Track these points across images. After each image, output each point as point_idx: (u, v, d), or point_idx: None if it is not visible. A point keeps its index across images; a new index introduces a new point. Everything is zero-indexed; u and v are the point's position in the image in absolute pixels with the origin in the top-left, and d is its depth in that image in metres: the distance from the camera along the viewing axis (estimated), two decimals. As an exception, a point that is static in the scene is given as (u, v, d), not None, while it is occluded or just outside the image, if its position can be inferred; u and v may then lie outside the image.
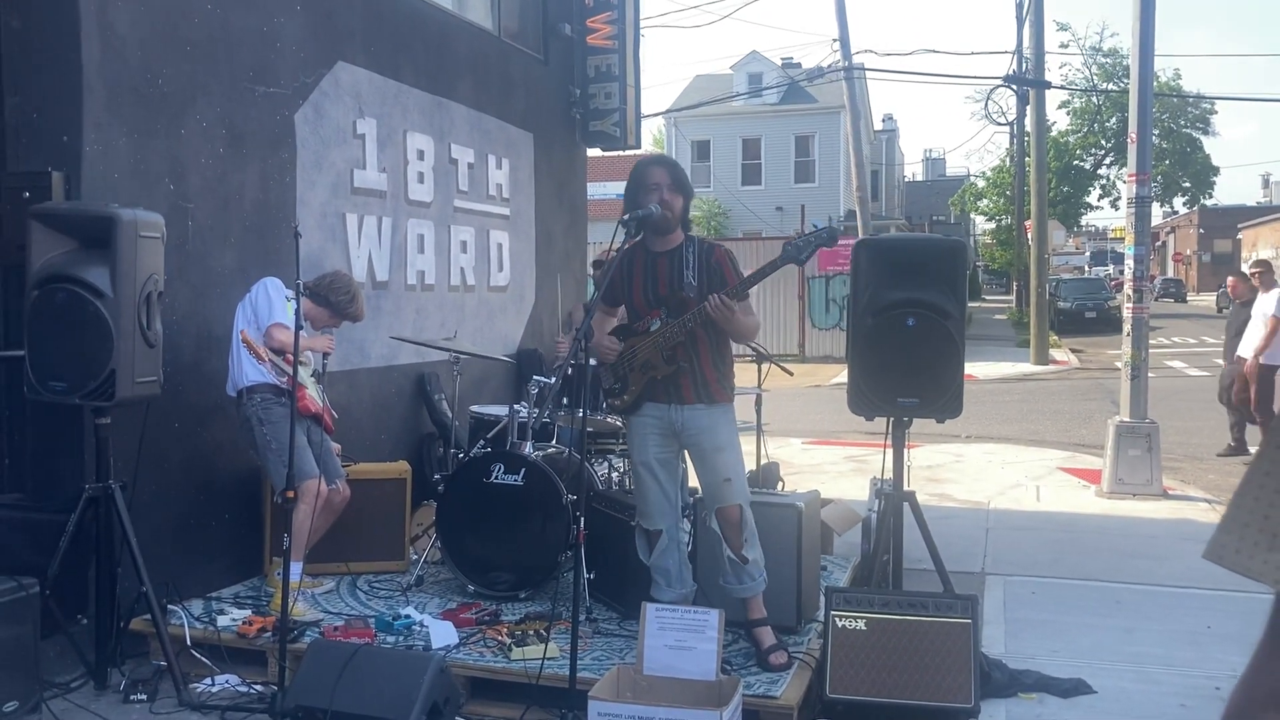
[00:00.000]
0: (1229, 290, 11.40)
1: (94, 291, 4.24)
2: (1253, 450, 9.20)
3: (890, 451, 4.89)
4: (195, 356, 5.24)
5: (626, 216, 4.33)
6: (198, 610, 4.92)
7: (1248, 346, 9.99)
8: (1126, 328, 8.92)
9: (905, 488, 4.91)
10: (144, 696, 4.26)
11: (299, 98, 5.96)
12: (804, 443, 11.65)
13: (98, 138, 4.74)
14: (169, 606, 4.70)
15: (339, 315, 5.29)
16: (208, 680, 4.41)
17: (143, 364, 4.35)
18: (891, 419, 4.81)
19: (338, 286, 5.25)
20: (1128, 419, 8.79)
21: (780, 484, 6.79)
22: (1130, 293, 8.99)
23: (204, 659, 4.52)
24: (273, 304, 4.92)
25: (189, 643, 4.58)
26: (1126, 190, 9.08)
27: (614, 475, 6.04)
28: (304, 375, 5.02)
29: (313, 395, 5.08)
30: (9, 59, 4.72)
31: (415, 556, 5.80)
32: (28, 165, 4.71)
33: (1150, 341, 9.34)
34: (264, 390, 4.94)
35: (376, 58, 6.68)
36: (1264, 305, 9.89)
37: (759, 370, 6.72)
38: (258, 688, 4.34)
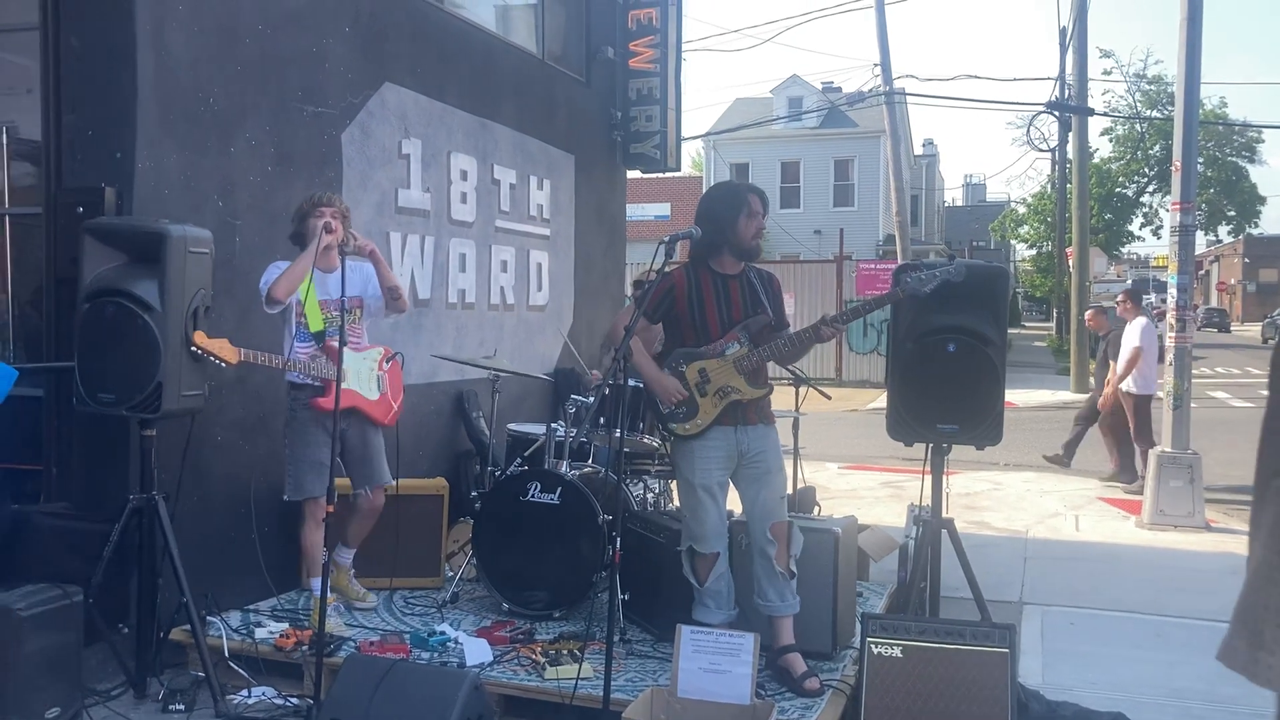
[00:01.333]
0: (1087, 323, 11.82)
1: (143, 305, 4.30)
2: (1142, 477, 9.51)
3: (929, 478, 4.86)
4: (239, 371, 5.27)
5: (668, 238, 4.34)
6: (236, 622, 4.97)
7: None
8: (1169, 357, 8.81)
9: (944, 515, 4.87)
10: (182, 707, 4.30)
11: (346, 118, 6.04)
12: (840, 467, 11.59)
13: (150, 155, 4.83)
14: (208, 618, 4.74)
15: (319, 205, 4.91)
16: (244, 692, 4.44)
17: (188, 377, 4.40)
18: (931, 445, 4.78)
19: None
20: (1169, 449, 8.67)
21: (816, 508, 6.76)
22: (1173, 322, 8.88)
23: (241, 671, 4.56)
24: (266, 272, 4.87)
25: (227, 654, 4.62)
26: (1170, 218, 8.99)
27: (649, 496, 6.03)
28: (355, 365, 4.97)
29: (357, 389, 4.97)
30: (67, 78, 4.83)
31: (451, 573, 5.82)
32: (82, 181, 4.81)
33: (1193, 371, 9.22)
34: (294, 391, 4.96)
35: (422, 79, 6.76)
36: (1129, 335, 10.18)
37: (796, 394, 6.70)
38: (294, 701, 4.36)
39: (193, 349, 4.37)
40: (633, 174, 11.02)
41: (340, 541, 5.24)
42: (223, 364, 4.47)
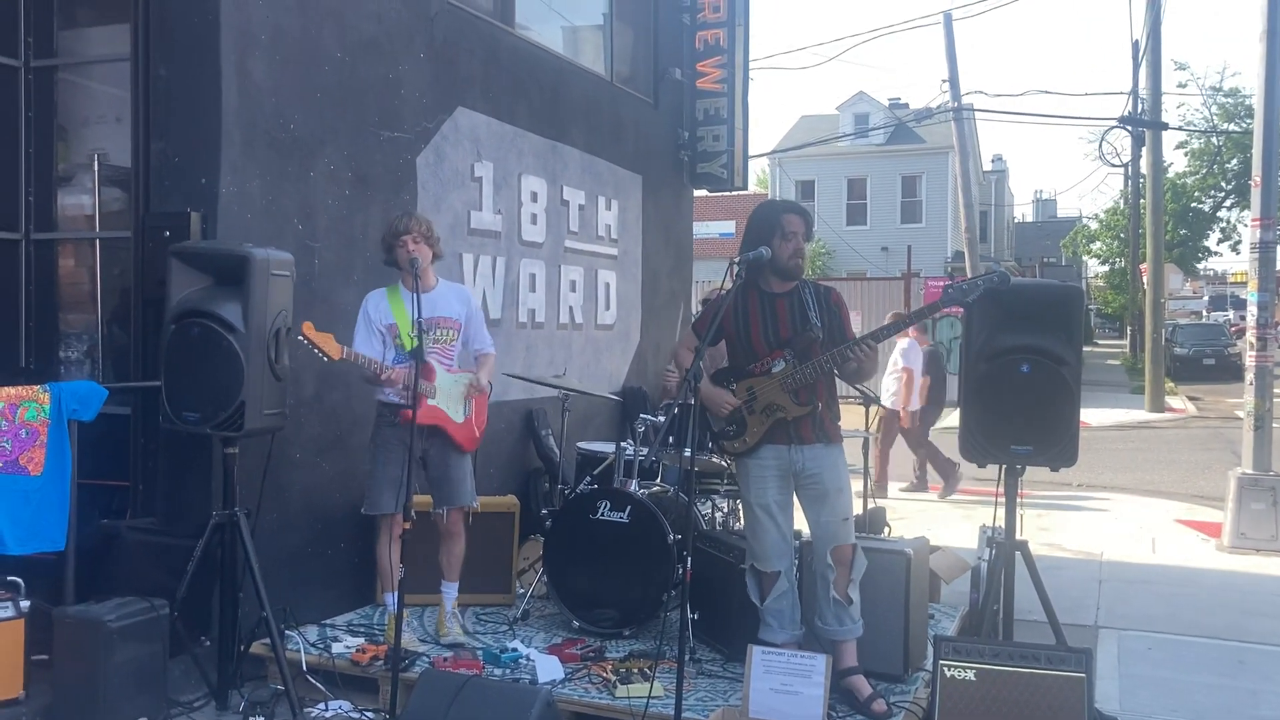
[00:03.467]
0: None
1: (227, 326, 4.42)
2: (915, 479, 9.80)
3: (1003, 499, 4.80)
4: (317, 390, 5.43)
5: (739, 258, 4.36)
6: (313, 636, 5.06)
7: (886, 396, 10.61)
8: (1249, 376, 8.60)
9: (1018, 537, 4.81)
10: (262, 719, 4.39)
11: (421, 141, 6.16)
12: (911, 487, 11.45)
13: (233, 180, 4.97)
14: (286, 632, 4.84)
15: (403, 234, 4.90)
16: (322, 705, 4.52)
17: (270, 396, 4.52)
18: (1004, 466, 4.73)
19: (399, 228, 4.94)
20: (1250, 471, 8.45)
21: (887, 529, 6.69)
22: (1253, 340, 8.67)
23: (318, 684, 4.65)
24: (355, 326, 4.99)
25: (305, 668, 4.71)
26: (1249, 234, 8.79)
27: (718, 515, 6.04)
28: (445, 385, 5.02)
29: (445, 409, 5.02)
30: (155, 107, 5.00)
31: (522, 590, 5.87)
32: (168, 206, 4.97)
33: (1275, 391, 8.99)
34: (383, 408, 5.04)
35: (494, 103, 6.87)
36: (896, 357, 10.52)
37: (866, 413, 6.67)
38: (369, 714, 4.44)
39: (300, 338, 4.49)
40: (699, 193, 11.05)
41: (442, 575, 5.24)
42: (325, 358, 4.55)
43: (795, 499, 4.64)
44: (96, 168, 5.85)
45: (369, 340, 4.92)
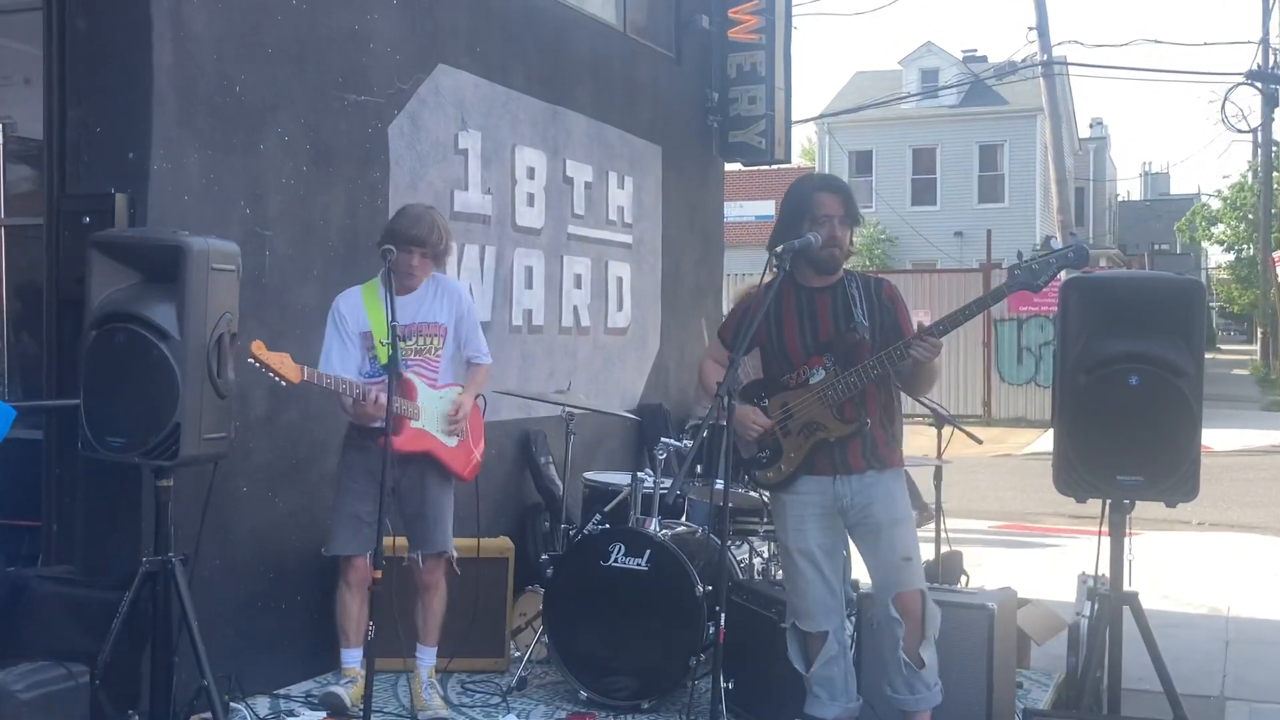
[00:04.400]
0: None
1: (158, 333, 4.41)
2: None
3: (1107, 541, 4.77)
4: (269, 409, 5.44)
5: (780, 249, 4.36)
6: (264, 710, 5.08)
7: None
8: None
9: (1126, 587, 4.78)
10: (201, 810, 4.40)
11: (394, 107, 6.19)
12: (992, 527, 11.42)
13: (167, 155, 5.00)
14: (232, 705, 4.84)
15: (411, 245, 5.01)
16: (275, 794, 4.53)
17: (211, 417, 4.51)
18: (1109, 501, 4.71)
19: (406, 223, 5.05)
20: None
21: (964, 578, 6.68)
22: None
23: (271, 768, 4.66)
24: (325, 335, 5.04)
25: (254, 748, 4.72)
26: None
27: (756, 562, 6.03)
28: (430, 404, 5.06)
29: (429, 429, 5.05)
30: (73, 66, 5.02)
31: (517, 653, 5.87)
32: (88, 186, 4.99)
33: None
34: (349, 429, 5.09)
35: (483, 59, 6.90)
36: None
37: (939, 436, 6.64)
38: (332, 805, 4.44)
39: (250, 360, 4.52)
40: (731, 167, 11.06)
41: (415, 638, 5.26)
42: (283, 383, 4.59)
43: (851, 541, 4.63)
44: (1, 140, 5.89)
45: (344, 353, 4.95)
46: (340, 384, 4.76)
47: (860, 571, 4.71)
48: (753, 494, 5.50)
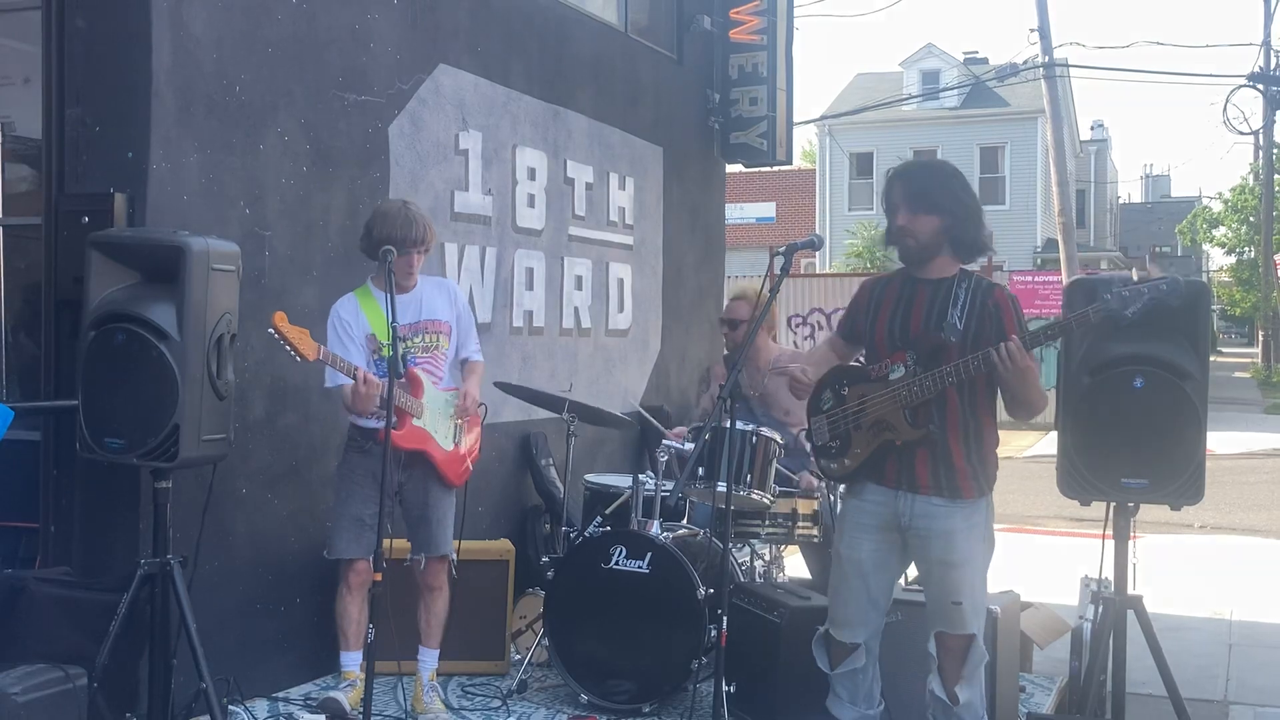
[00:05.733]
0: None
1: (158, 333, 4.40)
2: None
3: (1111, 545, 4.76)
4: (268, 410, 5.43)
5: (783, 247, 4.35)
6: (263, 713, 5.06)
7: None
8: None
9: (1130, 591, 4.77)
10: (199, 813, 4.39)
11: (394, 107, 6.18)
12: (995, 529, 11.39)
13: (166, 154, 4.98)
14: (231, 708, 4.84)
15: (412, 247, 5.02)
16: (273, 797, 4.52)
17: (210, 419, 4.50)
18: (1113, 504, 4.69)
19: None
20: None
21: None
22: None
23: (269, 771, 4.64)
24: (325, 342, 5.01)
25: (252, 751, 4.71)
26: None
27: (759, 564, 6.01)
28: (433, 404, 5.05)
29: (428, 428, 5.04)
30: (71, 65, 5.00)
31: (517, 656, 5.86)
32: (87, 186, 4.97)
33: None
34: (354, 432, 5.09)
35: (484, 59, 6.89)
36: None
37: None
38: (331, 809, 4.42)
39: (270, 330, 4.52)
40: (732, 168, 11.04)
41: (419, 639, 5.26)
42: (298, 357, 4.59)
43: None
44: None
45: (349, 358, 4.94)
46: (352, 368, 4.76)
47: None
48: (755, 496, 5.48)
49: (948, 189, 4.27)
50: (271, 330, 4.53)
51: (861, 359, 4.53)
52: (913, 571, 4.65)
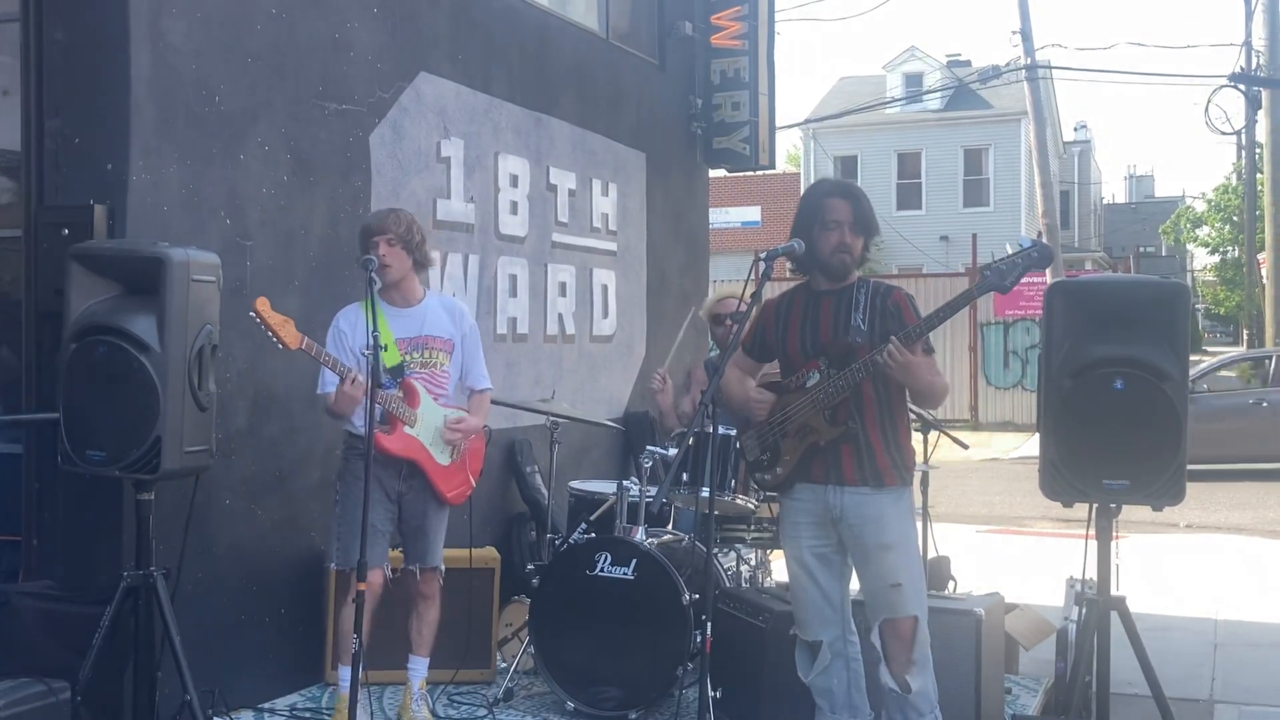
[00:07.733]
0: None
1: (139, 345, 4.40)
2: None
3: (1094, 545, 4.78)
4: (250, 421, 5.42)
5: (764, 254, 4.37)
6: (248, 724, 5.05)
7: None
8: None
9: (1113, 591, 4.79)
10: (184, 826, 4.38)
11: (375, 116, 6.18)
12: (979, 531, 11.44)
13: (146, 165, 4.98)
14: (215, 719, 4.82)
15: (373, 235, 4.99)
16: (259, 809, 4.51)
17: (192, 430, 4.50)
18: (1096, 505, 4.71)
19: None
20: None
21: (951, 584, 6.68)
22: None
23: (255, 783, 4.64)
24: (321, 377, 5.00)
25: (238, 763, 4.70)
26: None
27: (744, 569, 6.02)
28: (429, 416, 5.03)
29: (421, 439, 5.00)
30: (50, 76, 5.00)
31: (503, 664, 5.86)
32: (67, 198, 4.97)
33: None
34: (352, 440, 5.05)
35: (465, 67, 6.89)
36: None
37: (925, 441, 6.65)
38: (318, 820, 4.42)
39: (250, 314, 4.51)
40: (716, 173, 11.06)
41: (410, 648, 5.23)
42: (280, 344, 4.58)
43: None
44: (-22, 152, 5.85)
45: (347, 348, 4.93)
46: (335, 362, 4.74)
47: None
48: (739, 502, 5.49)
49: (872, 213, 4.56)
50: (252, 314, 4.51)
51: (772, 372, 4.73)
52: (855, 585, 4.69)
